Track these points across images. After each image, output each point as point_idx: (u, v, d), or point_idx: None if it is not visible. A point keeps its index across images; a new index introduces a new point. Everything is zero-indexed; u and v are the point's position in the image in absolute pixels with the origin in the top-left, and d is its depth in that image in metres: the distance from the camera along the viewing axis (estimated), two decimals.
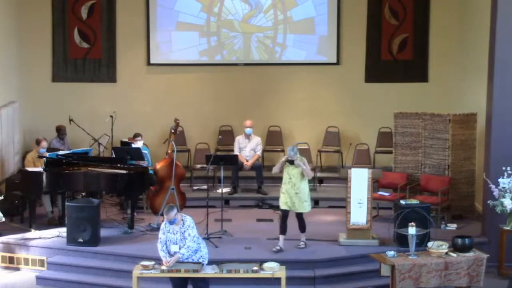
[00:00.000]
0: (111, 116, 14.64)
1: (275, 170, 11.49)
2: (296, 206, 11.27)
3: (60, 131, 14.48)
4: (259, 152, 14.43)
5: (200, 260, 9.60)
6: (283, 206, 11.36)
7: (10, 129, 14.11)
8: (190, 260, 9.54)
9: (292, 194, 11.22)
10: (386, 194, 13.08)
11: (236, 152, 14.23)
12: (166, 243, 9.57)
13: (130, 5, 15.53)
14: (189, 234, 9.51)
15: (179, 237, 9.50)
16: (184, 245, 9.48)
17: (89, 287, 10.94)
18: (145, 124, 15.26)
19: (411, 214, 11.06)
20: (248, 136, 14.38)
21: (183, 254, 9.50)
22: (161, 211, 12.23)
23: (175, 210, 9.49)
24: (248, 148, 14.32)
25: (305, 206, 11.31)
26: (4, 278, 11.36)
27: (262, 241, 11.71)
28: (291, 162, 11.13)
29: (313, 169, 14.67)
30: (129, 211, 12.36)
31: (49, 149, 13.25)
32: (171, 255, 9.53)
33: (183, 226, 9.53)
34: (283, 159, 11.30)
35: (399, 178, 13.22)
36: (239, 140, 14.43)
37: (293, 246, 11.46)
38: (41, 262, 11.55)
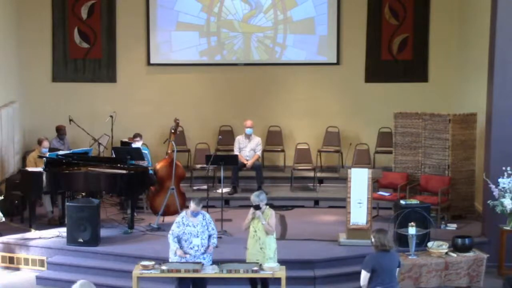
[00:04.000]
0: (111, 116, 14.64)
1: (246, 226, 9.95)
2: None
3: (60, 131, 14.48)
4: (259, 152, 14.42)
5: (210, 259, 9.79)
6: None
7: (10, 129, 14.12)
8: (205, 255, 9.69)
9: (256, 250, 9.74)
10: (386, 194, 13.08)
11: (236, 152, 14.22)
12: (178, 237, 9.62)
13: (130, 5, 15.53)
14: (212, 228, 9.77)
15: (200, 229, 9.62)
16: (205, 238, 9.68)
17: None
18: (145, 124, 15.25)
19: (411, 214, 11.05)
20: (248, 136, 14.37)
21: (214, 244, 9.79)
22: (161, 211, 12.25)
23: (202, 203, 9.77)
24: (248, 148, 14.32)
25: None
26: (4, 278, 11.36)
27: None
28: (257, 208, 9.75)
29: (313, 169, 14.75)
30: (129, 211, 12.36)
31: (49, 149, 13.24)
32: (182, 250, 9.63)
33: (204, 219, 9.70)
34: (251, 211, 9.84)
35: (399, 178, 13.22)
36: (239, 140, 14.42)
37: (293, 246, 11.46)
38: (41, 262, 11.55)
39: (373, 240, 8.66)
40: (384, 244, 8.55)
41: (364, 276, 8.50)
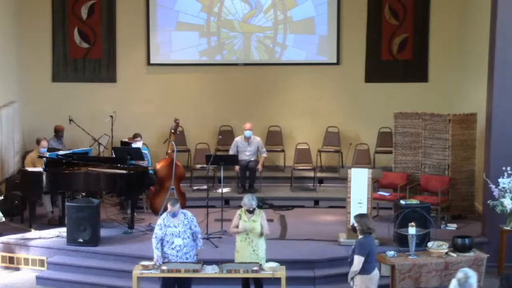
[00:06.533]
0: (111, 116, 14.64)
1: (236, 232, 9.77)
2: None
3: (59, 132, 14.46)
4: (265, 154, 14.44)
5: (194, 259, 9.70)
6: None
7: (10, 129, 14.11)
8: (187, 255, 9.61)
9: (249, 252, 9.69)
10: (386, 194, 13.08)
11: (231, 153, 14.18)
12: (162, 239, 9.59)
13: (130, 5, 15.53)
14: (195, 225, 9.68)
15: (181, 229, 9.57)
16: (188, 237, 9.59)
17: (89, 287, 10.95)
18: (145, 124, 15.25)
19: (411, 214, 11.05)
20: (247, 139, 14.35)
21: (200, 246, 9.75)
22: (161, 211, 12.24)
23: (179, 203, 9.68)
24: (247, 152, 14.29)
25: None
26: (4, 278, 11.37)
27: None
28: (251, 212, 9.75)
29: (313, 169, 14.76)
30: (129, 211, 12.37)
31: (48, 149, 13.24)
32: (164, 252, 9.57)
33: (185, 218, 9.63)
34: (240, 213, 9.82)
35: (399, 178, 13.22)
36: (238, 142, 14.36)
37: (293, 246, 11.46)
38: (41, 262, 11.55)
39: (357, 225, 9.00)
40: (370, 228, 8.97)
41: (359, 261, 8.83)
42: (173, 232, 9.57)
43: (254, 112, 15.45)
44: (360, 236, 9.00)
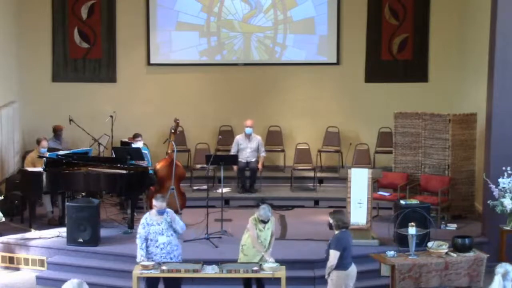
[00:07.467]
0: (111, 116, 14.64)
1: (258, 245, 9.75)
2: None
3: (57, 132, 14.45)
4: (263, 154, 14.44)
5: (179, 259, 9.72)
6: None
7: (10, 129, 14.11)
8: (172, 255, 9.62)
9: (259, 257, 9.79)
10: (386, 194, 13.08)
11: (232, 152, 14.19)
12: (146, 239, 9.60)
13: (130, 5, 15.53)
14: (174, 218, 9.69)
15: (164, 226, 9.59)
16: (172, 235, 9.61)
17: (89, 287, 10.92)
18: (145, 124, 15.25)
19: (411, 214, 11.05)
20: (248, 136, 14.35)
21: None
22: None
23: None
24: (248, 149, 14.29)
25: None
26: (4, 278, 11.37)
27: None
28: (264, 222, 9.76)
29: (313, 169, 14.76)
30: (129, 211, 12.37)
31: (48, 149, 13.24)
32: (150, 252, 9.59)
33: (167, 215, 9.66)
34: (254, 222, 9.80)
35: (399, 178, 13.22)
36: (239, 140, 14.37)
37: (293, 246, 11.46)
38: (41, 262, 11.55)
39: (332, 221, 9.19)
40: (345, 222, 9.23)
41: (335, 256, 8.97)
42: (156, 230, 9.59)
43: (254, 112, 15.44)
44: (336, 232, 9.11)
